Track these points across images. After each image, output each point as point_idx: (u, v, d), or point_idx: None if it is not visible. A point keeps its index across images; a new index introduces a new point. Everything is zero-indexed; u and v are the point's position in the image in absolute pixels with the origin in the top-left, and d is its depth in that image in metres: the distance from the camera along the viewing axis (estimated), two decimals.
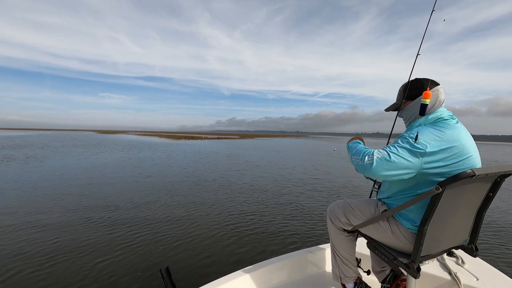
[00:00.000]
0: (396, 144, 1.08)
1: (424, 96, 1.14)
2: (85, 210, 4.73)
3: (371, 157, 1.06)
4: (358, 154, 1.15)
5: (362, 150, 1.16)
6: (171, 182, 7.50)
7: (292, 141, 52.04)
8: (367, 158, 1.08)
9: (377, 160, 1.04)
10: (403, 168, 1.03)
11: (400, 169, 1.03)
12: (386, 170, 1.03)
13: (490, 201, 1.18)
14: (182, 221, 4.31)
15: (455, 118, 1.17)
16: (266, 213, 4.82)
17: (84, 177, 7.94)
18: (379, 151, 1.07)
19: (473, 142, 1.13)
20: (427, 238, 1.06)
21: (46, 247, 3.25)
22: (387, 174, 1.04)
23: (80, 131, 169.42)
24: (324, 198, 6.19)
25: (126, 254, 3.10)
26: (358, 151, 1.17)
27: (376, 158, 1.05)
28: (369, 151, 1.11)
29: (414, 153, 1.03)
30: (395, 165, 1.03)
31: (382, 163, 1.04)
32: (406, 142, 1.05)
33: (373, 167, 1.05)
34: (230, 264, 2.97)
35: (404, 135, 1.11)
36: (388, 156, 1.03)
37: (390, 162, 1.03)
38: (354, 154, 1.20)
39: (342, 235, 1.47)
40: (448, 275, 1.57)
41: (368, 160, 1.07)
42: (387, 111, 1.44)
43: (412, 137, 1.06)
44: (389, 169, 1.03)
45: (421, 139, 1.04)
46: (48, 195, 5.74)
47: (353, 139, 1.39)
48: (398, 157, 1.03)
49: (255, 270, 1.67)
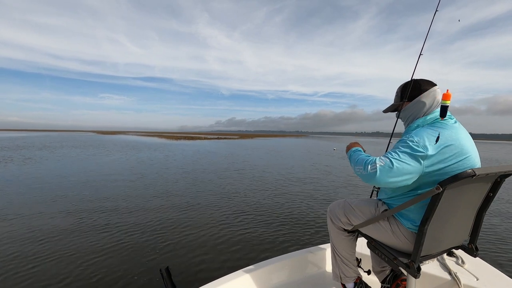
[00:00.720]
0: (397, 150, 1.08)
1: (444, 98, 1.12)
2: (82, 211, 4.72)
3: (374, 165, 1.06)
4: (360, 164, 1.15)
5: (364, 159, 1.15)
6: (171, 182, 7.50)
7: (291, 141, 52.07)
8: (370, 167, 1.08)
9: (380, 169, 1.05)
10: (407, 173, 1.04)
11: (403, 175, 1.04)
12: (390, 177, 1.04)
13: (490, 201, 1.18)
14: (182, 221, 4.30)
15: (453, 118, 1.17)
16: (266, 213, 4.82)
17: (80, 178, 7.94)
18: (380, 159, 1.07)
19: (472, 141, 1.13)
20: (427, 238, 1.06)
21: (40, 248, 3.24)
22: (392, 181, 1.04)
23: (80, 132, 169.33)
24: (324, 198, 6.19)
25: (126, 254, 3.10)
26: (360, 161, 1.16)
27: (379, 166, 1.05)
28: (371, 160, 1.11)
29: (415, 157, 1.03)
30: (398, 171, 1.03)
31: (386, 171, 1.04)
32: (407, 147, 1.05)
33: (377, 176, 1.05)
34: (230, 264, 2.96)
35: (404, 138, 1.10)
36: (391, 163, 1.03)
37: (393, 169, 1.03)
38: (356, 164, 1.19)
39: (342, 235, 1.47)
40: (448, 275, 1.57)
41: (371, 169, 1.07)
42: (385, 113, 1.44)
43: (412, 140, 1.06)
44: (393, 176, 1.03)
45: (421, 141, 1.04)
46: (43, 196, 5.74)
47: (352, 146, 1.38)
48: (400, 163, 1.03)
49: (255, 270, 1.67)
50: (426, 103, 1.19)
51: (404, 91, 1.29)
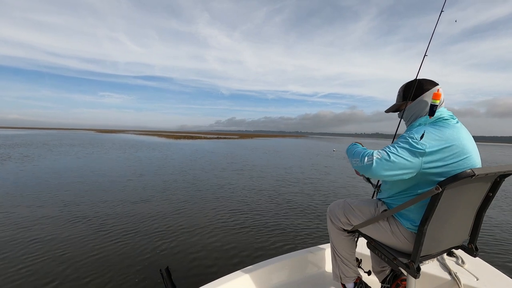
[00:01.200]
0: (395, 144, 1.08)
1: (434, 97, 1.14)
2: (80, 210, 4.72)
3: (371, 157, 1.06)
4: (357, 156, 1.15)
5: (361, 151, 1.15)
6: (171, 183, 7.50)
7: (291, 141, 52.07)
8: (367, 158, 1.08)
9: (376, 161, 1.04)
10: (403, 168, 1.03)
11: (400, 169, 1.03)
12: (386, 170, 1.03)
13: (490, 201, 1.18)
14: (182, 221, 4.30)
15: (455, 118, 1.17)
16: (266, 214, 4.83)
17: (78, 176, 7.92)
18: (378, 152, 1.07)
19: (473, 142, 1.13)
20: (427, 238, 1.06)
21: (39, 246, 3.24)
22: (387, 174, 1.04)
23: (80, 130, 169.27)
24: (324, 198, 6.19)
25: (125, 255, 3.10)
26: (357, 153, 1.17)
27: (376, 158, 1.05)
28: (369, 152, 1.11)
29: (413, 153, 1.03)
30: (395, 165, 1.03)
31: (382, 163, 1.04)
32: (406, 142, 1.05)
33: (373, 167, 1.04)
34: (230, 264, 2.97)
35: (404, 135, 1.11)
36: (388, 156, 1.03)
37: (390, 162, 1.03)
38: (353, 156, 1.19)
39: (342, 235, 1.47)
40: (448, 275, 1.57)
41: (368, 161, 1.07)
42: (387, 113, 1.44)
43: (412, 137, 1.06)
44: (389, 169, 1.03)
45: (420, 138, 1.04)
46: (40, 194, 5.73)
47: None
48: (397, 157, 1.03)
49: (255, 270, 1.67)
50: (428, 102, 1.19)
51: (406, 91, 1.28)
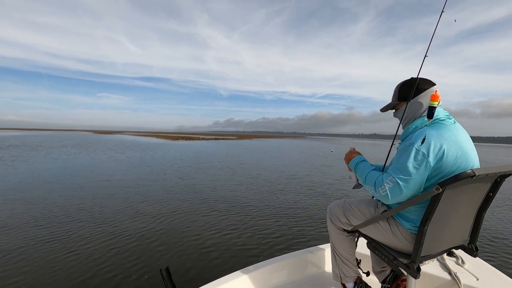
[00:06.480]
0: (400, 166, 1.07)
1: (432, 99, 1.12)
2: (78, 210, 4.69)
3: (384, 188, 1.09)
4: (370, 184, 1.17)
5: (373, 178, 1.17)
6: (170, 182, 7.47)
7: (289, 142, 52.11)
8: (381, 190, 1.10)
9: (390, 191, 1.07)
10: (416, 185, 1.05)
11: (414, 190, 1.06)
12: (402, 198, 1.08)
13: (490, 201, 1.18)
14: (182, 220, 4.29)
15: (451, 118, 1.16)
16: (266, 213, 4.82)
17: (75, 179, 7.89)
18: (387, 180, 1.09)
19: (471, 142, 1.13)
20: (427, 238, 1.06)
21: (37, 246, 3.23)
22: (405, 197, 1.08)
23: (77, 131, 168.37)
24: (324, 198, 6.19)
25: (125, 255, 3.08)
26: (370, 180, 1.18)
27: (388, 188, 1.08)
28: (379, 180, 1.12)
29: (418, 167, 1.03)
30: (407, 189, 1.05)
31: (396, 193, 1.07)
32: (410, 158, 1.05)
33: (390, 199, 1.08)
34: (230, 264, 2.96)
35: (404, 147, 1.09)
36: (398, 184, 1.06)
37: (402, 189, 1.05)
38: (366, 182, 1.22)
39: (342, 235, 1.47)
40: (448, 275, 1.57)
41: (383, 192, 1.10)
42: (383, 112, 1.42)
43: (412, 148, 1.05)
44: (404, 195, 1.06)
45: (422, 148, 1.03)
46: (40, 196, 5.71)
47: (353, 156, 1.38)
48: (407, 181, 1.04)
49: (255, 270, 1.67)
50: (423, 103, 1.17)
51: (402, 90, 1.26)
